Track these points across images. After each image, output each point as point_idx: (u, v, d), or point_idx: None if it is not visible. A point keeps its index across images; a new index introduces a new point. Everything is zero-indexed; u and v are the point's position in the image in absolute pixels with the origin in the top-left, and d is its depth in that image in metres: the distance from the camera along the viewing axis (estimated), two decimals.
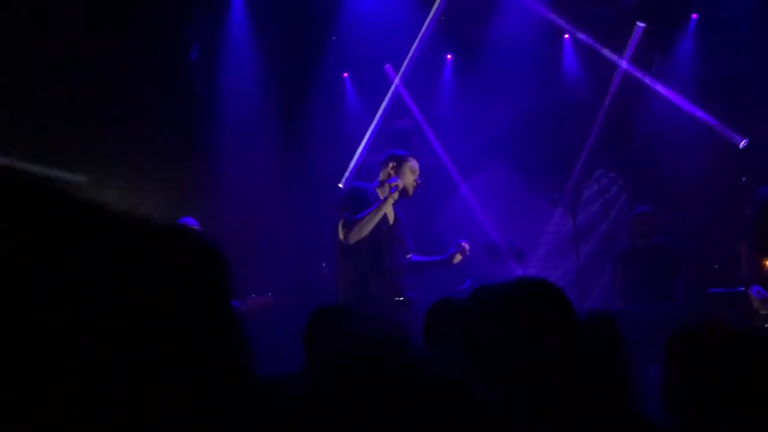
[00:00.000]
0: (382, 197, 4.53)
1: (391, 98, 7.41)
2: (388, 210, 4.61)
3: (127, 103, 6.38)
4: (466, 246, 4.65)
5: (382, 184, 4.64)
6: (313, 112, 7.34)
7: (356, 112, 7.65)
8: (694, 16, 6.73)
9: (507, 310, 1.48)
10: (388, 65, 7.44)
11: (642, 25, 6.72)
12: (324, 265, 6.67)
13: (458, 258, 4.65)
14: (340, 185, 7.31)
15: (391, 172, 4.64)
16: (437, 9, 7.13)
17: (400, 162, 4.68)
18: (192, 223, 5.18)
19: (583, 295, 6.82)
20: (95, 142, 6.16)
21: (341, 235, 4.48)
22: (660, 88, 6.78)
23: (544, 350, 1.43)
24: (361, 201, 4.53)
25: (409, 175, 4.67)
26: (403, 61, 7.31)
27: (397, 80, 7.33)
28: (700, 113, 6.51)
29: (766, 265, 4.38)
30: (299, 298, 5.84)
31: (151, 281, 0.82)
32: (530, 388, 1.39)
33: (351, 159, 7.44)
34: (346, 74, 7.63)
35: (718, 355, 1.45)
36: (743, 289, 4.52)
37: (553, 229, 7.27)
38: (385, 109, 7.41)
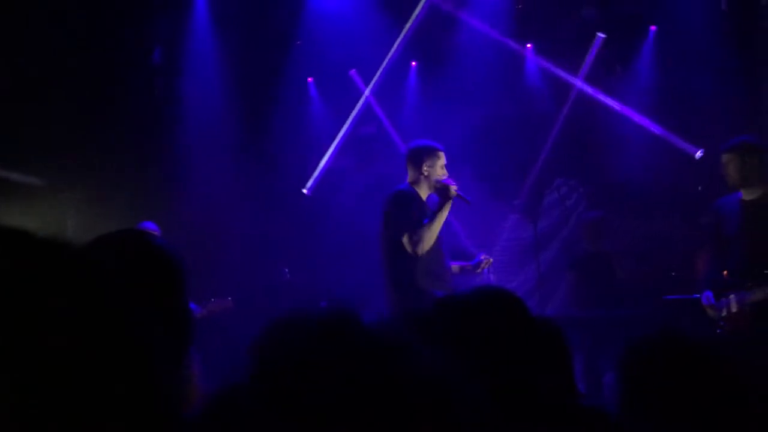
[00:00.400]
0: (442, 198, 4.25)
1: (360, 104, 7.42)
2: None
3: (87, 106, 6.29)
4: (490, 259, 4.52)
5: (418, 182, 4.37)
6: (277, 117, 7.31)
7: (321, 116, 7.64)
8: (653, 28, 6.88)
9: (466, 320, 1.51)
10: (353, 71, 7.45)
11: (602, 36, 6.84)
12: (287, 271, 6.63)
13: (483, 267, 4.49)
14: (304, 191, 7.29)
15: (427, 169, 4.36)
16: (415, 20, 7.15)
17: (433, 157, 4.40)
18: (152, 227, 5.12)
19: (544, 302, 6.90)
20: (54, 144, 6.05)
21: (411, 247, 4.18)
22: (619, 98, 6.90)
23: (501, 360, 1.47)
24: (415, 207, 4.28)
25: (440, 170, 4.39)
26: (369, 66, 7.32)
27: (368, 91, 7.33)
28: (656, 125, 6.64)
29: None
30: (261, 303, 5.81)
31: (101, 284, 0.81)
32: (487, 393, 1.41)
33: (316, 164, 7.43)
34: (310, 79, 7.62)
35: (672, 366, 1.48)
36: (698, 296, 4.62)
37: (513, 236, 7.34)
38: (355, 116, 7.42)
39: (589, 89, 6.95)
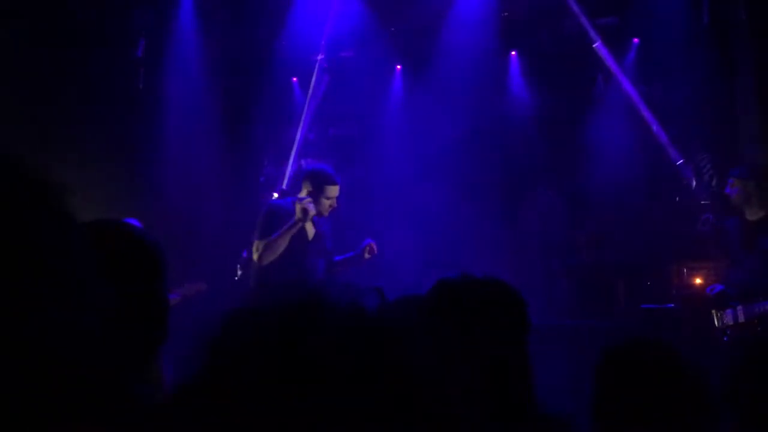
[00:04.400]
0: (296, 217, 4.57)
1: (319, 103, 7.35)
2: (307, 226, 4.67)
3: (68, 98, 6.21)
4: (374, 245, 4.83)
5: (300, 200, 4.65)
6: (259, 116, 7.28)
7: (303, 116, 7.61)
8: (636, 40, 6.94)
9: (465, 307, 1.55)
10: (326, 76, 7.34)
11: (597, 44, 6.85)
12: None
13: (368, 254, 4.81)
14: (275, 195, 7.21)
15: (307, 192, 4.69)
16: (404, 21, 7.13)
17: (317, 187, 4.70)
18: (134, 223, 5.06)
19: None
20: (34, 138, 5.98)
21: (255, 257, 4.59)
22: (601, 109, 6.96)
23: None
24: (276, 222, 4.61)
25: (324, 201, 4.69)
26: (353, 65, 7.27)
27: (309, 94, 7.27)
28: (637, 134, 6.70)
29: (695, 282, 4.66)
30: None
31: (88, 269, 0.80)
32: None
33: (295, 163, 7.39)
34: (294, 78, 7.59)
35: (647, 374, 1.50)
36: (673, 305, 4.75)
37: (492, 244, 7.36)
38: (308, 115, 7.35)
39: (581, 94, 6.99)
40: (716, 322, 4.54)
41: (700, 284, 4.94)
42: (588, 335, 5.28)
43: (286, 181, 7.19)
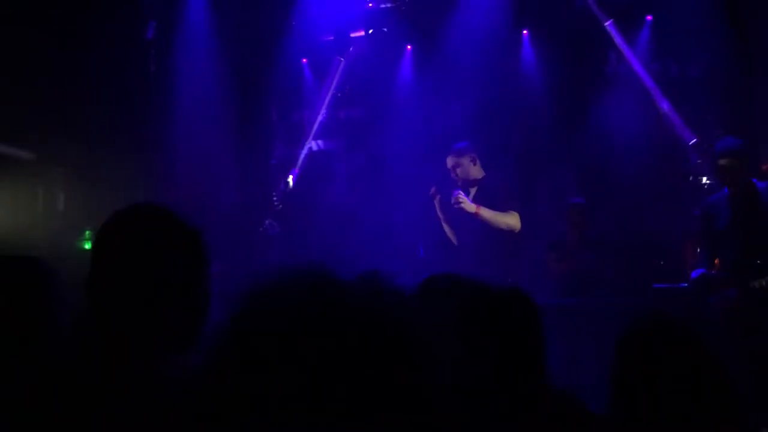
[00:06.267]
0: None
1: (336, 86, 7.34)
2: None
3: (79, 81, 6.22)
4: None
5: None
6: (270, 97, 7.27)
7: (314, 98, 7.60)
8: (649, 17, 6.86)
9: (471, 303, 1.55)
10: (340, 58, 7.35)
11: (609, 22, 6.77)
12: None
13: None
14: (289, 180, 7.19)
15: None
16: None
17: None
18: None
19: (537, 289, 6.91)
20: (45, 119, 6.00)
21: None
22: (613, 87, 6.90)
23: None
24: None
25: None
26: (361, 45, 7.24)
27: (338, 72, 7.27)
28: (651, 112, 6.65)
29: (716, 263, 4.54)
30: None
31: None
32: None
33: (305, 145, 7.39)
34: (305, 60, 7.57)
35: (669, 353, 1.49)
36: (686, 285, 4.67)
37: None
38: (332, 97, 7.35)
39: (593, 72, 6.93)
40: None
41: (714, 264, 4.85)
42: (592, 315, 5.27)
43: (299, 162, 7.19)
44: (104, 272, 1.26)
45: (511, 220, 4.91)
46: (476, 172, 5.16)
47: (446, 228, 5.21)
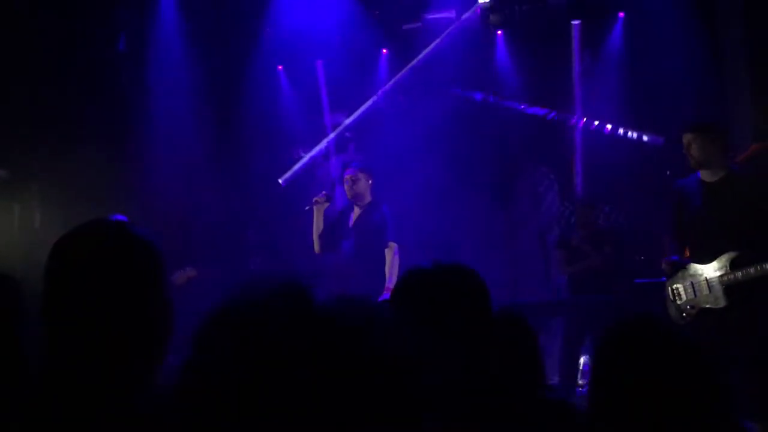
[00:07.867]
0: None
1: (324, 94, 7.37)
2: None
3: (51, 95, 6.15)
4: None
5: None
6: (246, 105, 7.23)
7: (291, 105, 7.58)
8: (621, 14, 6.91)
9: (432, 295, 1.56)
10: (319, 61, 7.37)
11: (576, 22, 6.84)
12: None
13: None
14: (280, 181, 7.19)
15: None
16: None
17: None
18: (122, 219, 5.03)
19: (518, 287, 6.95)
20: (18, 135, 5.92)
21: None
22: (587, 84, 6.95)
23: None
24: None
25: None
26: (338, 52, 7.25)
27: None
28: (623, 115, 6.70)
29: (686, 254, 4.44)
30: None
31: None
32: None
33: (285, 151, 7.37)
34: (280, 67, 7.55)
35: (650, 354, 1.49)
36: (666, 279, 4.63)
37: (485, 222, 7.37)
38: (323, 105, 7.40)
39: (567, 72, 6.97)
40: (673, 299, 4.22)
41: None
42: (584, 310, 5.29)
43: (289, 174, 7.15)
44: (54, 295, 1.25)
45: (390, 255, 5.20)
46: (367, 194, 5.42)
47: (315, 234, 5.45)
